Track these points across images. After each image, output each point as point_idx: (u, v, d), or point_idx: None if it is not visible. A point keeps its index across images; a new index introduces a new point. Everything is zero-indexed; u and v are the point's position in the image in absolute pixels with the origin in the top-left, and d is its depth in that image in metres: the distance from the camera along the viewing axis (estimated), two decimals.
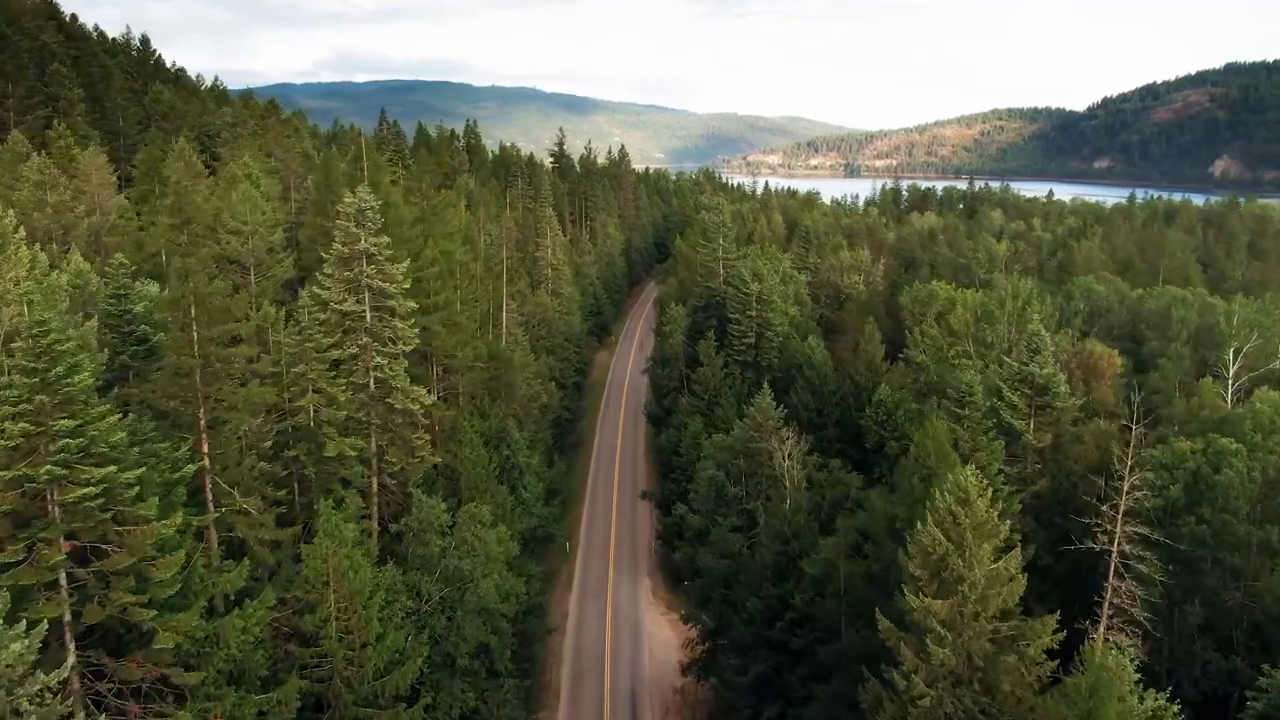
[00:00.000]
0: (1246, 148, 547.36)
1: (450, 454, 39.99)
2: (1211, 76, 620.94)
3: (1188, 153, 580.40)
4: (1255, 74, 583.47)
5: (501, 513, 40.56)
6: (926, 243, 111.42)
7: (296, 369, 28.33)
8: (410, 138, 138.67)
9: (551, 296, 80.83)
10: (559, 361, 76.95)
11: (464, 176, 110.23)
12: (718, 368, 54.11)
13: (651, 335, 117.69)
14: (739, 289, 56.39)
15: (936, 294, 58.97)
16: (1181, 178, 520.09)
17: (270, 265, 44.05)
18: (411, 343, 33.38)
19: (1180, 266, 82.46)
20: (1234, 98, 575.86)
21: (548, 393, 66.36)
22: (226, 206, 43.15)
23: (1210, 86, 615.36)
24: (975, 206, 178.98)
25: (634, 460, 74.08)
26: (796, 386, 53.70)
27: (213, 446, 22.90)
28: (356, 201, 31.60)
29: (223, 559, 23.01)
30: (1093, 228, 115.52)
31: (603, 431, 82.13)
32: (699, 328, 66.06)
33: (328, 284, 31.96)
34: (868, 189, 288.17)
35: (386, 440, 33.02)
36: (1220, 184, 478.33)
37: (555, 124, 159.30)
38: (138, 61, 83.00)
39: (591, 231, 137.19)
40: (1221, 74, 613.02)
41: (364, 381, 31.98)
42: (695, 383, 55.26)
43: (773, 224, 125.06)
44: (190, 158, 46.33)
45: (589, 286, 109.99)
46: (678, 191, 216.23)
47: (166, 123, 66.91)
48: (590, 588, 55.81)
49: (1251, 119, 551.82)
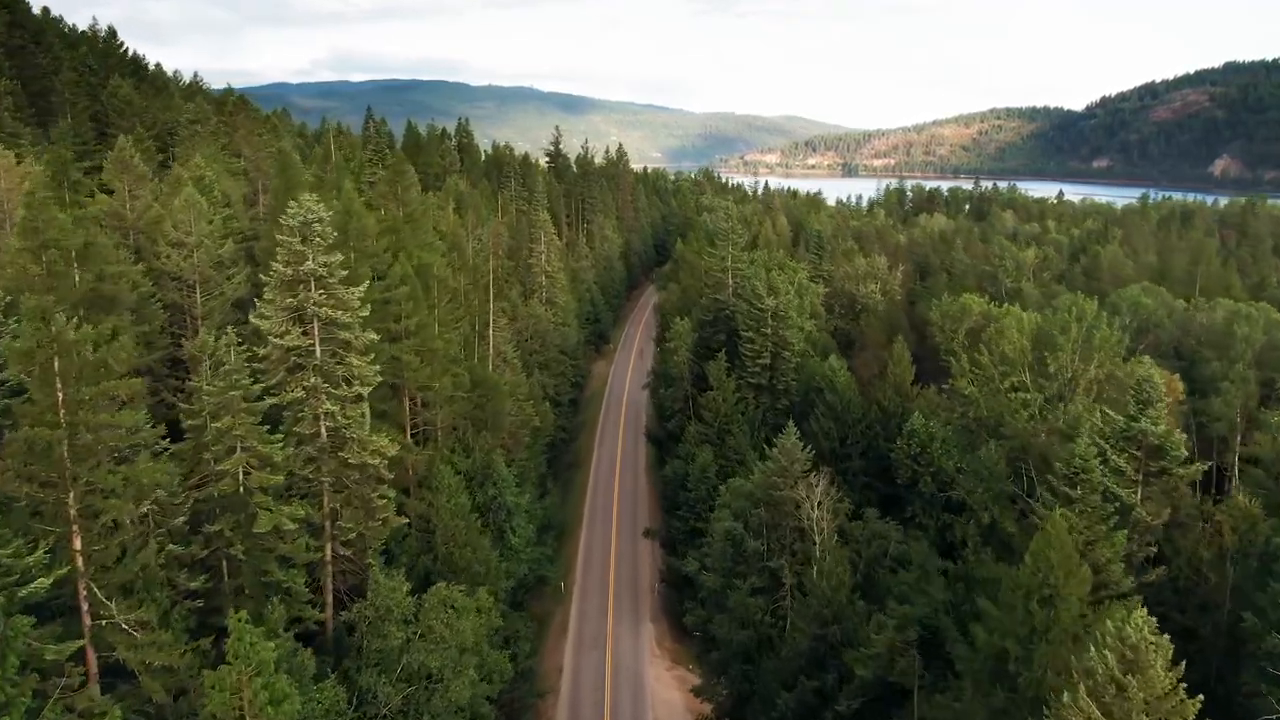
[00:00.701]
0: (1246, 147, 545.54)
1: (424, 502, 34.38)
2: (1210, 76, 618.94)
3: (1187, 152, 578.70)
4: (1254, 73, 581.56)
5: (485, 570, 34.95)
6: (939, 246, 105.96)
7: (220, 423, 22.58)
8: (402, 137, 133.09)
9: (546, 306, 75.12)
10: (553, 378, 71.27)
11: (454, 177, 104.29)
12: (729, 392, 48.51)
13: (651, 344, 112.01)
14: (752, 304, 50.75)
15: (969, 308, 53.44)
16: (1181, 177, 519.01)
17: (219, 282, 38.29)
18: (372, 381, 27.69)
19: (1218, 274, 77.06)
20: (1233, 97, 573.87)
21: (541, 414, 60.68)
22: (168, 214, 37.38)
23: (1209, 86, 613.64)
24: (983, 208, 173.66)
25: (634, 485, 68.38)
26: (817, 413, 48.14)
27: (87, 543, 17.17)
28: (301, 212, 25.86)
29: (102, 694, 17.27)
30: (1112, 230, 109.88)
31: (601, 450, 76.42)
32: (706, 343, 60.41)
33: (268, 312, 26.22)
34: (867, 189, 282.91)
35: (341, 501, 27.32)
36: (1220, 183, 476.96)
37: (552, 123, 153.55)
38: (102, 54, 76.94)
39: (589, 234, 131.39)
40: (1220, 73, 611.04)
41: (312, 432, 26.26)
42: (704, 408, 49.60)
43: (778, 227, 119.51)
44: (131, 158, 40.53)
45: (586, 293, 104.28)
46: (677, 192, 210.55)
47: (123, 120, 60.92)
48: (588, 635, 50.05)
49: (1251, 118, 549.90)
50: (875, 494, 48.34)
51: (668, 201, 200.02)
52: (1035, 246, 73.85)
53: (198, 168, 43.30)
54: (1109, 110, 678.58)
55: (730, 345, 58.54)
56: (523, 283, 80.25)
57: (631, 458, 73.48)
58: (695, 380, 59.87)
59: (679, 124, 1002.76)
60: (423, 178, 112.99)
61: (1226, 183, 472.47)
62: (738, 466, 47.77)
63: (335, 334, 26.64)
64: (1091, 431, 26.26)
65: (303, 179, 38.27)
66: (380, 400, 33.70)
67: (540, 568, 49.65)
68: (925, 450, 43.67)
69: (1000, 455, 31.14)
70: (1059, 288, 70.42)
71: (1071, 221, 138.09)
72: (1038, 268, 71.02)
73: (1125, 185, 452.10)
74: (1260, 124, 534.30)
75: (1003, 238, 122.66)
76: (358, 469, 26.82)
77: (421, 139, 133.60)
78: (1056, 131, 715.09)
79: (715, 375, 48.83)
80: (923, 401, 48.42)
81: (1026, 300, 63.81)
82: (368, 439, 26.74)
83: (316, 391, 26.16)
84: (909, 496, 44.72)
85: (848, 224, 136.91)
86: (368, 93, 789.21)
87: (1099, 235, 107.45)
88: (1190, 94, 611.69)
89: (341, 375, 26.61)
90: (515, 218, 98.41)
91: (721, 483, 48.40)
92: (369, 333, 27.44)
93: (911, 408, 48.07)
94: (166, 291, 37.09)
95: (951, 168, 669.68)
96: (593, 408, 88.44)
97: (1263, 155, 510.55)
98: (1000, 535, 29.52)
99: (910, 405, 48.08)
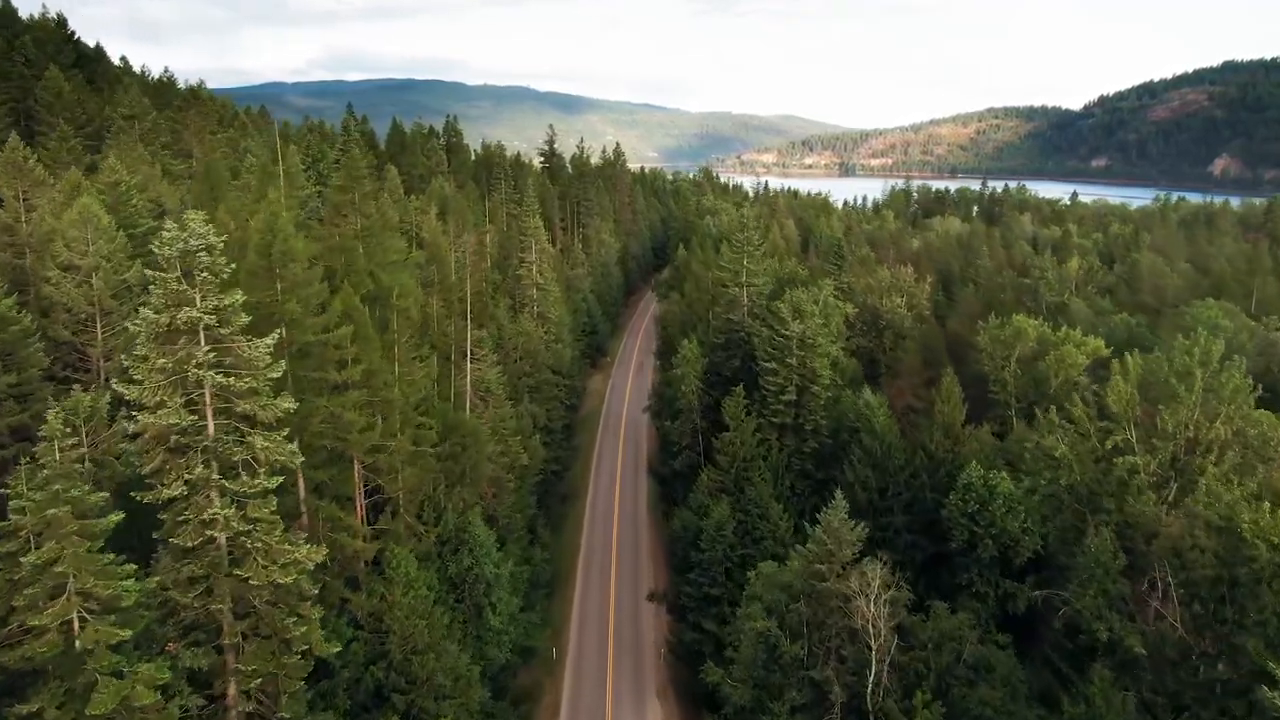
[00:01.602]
0: (1246, 146, 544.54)
1: (375, 597, 27.09)
2: (1209, 75, 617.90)
3: (1186, 151, 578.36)
4: (1253, 72, 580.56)
5: (452, 682, 27.68)
6: (958, 253, 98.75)
7: (39, 554, 15.20)
8: (406, 136, 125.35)
9: (537, 323, 67.67)
10: (545, 403, 63.89)
11: (439, 180, 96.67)
12: (748, 434, 41.21)
13: (651, 357, 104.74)
14: (775, 331, 43.33)
15: (1024, 332, 46.26)
16: (1180, 177, 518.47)
17: (126, 314, 30.88)
18: (290, 463, 20.34)
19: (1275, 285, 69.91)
20: (1232, 96, 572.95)
21: (530, 449, 53.37)
22: (59, 230, 29.96)
23: (1208, 85, 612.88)
24: (995, 209, 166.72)
25: (636, 528, 60.85)
26: (852, 459, 40.89)
27: None
28: (181, 235, 18.48)
29: None
30: (1143, 234, 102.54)
31: (598, 482, 68.96)
32: (717, 369, 53.07)
33: (138, 373, 18.82)
34: (867, 189, 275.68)
35: (247, 627, 19.94)
36: (1220, 183, 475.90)
37: (548, 123, 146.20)
38: (38, 42, 69.12)
39: (584, 239, 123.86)
40: (1219, 72, 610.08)
41: (198, 543, 18.86)
42: (719, 451, 42.24)
43: (786, 232, 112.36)
44: (24, 159, 33.12)
45: (581, 303, 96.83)
46: (676, 193, 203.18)
47: (50, 115, 53.36)
48: (583, 714, 42.84)
49: (1251, 117, 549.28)
50: (920, 551, 41.19)
51: (666, 203, 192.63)
52: (1077, 256, 66.50)
53: (113, 171, 35.76)
54: (1107, 110, 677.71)
55: (746, 373, 51.25)
56: (512, 295, 72.86)
57: (631, 492, 66.09)
58: (705, 411, 52.60)
59: (675, 123, 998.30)
60: (407, 180, 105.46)
61: (1227, 182, 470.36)
62: (759, 522, 40.51)
63: (233, 404, 19.24)
64: (1254, 525, 19.26)
65: (224, 180, 30.80)
66: (319, 467, 26.39)
67: (528, 636, 42.37)
68: (985, 508, 36.53)
69: (1113, 544, 24.04)
70: (1104, 303, 63.26)
71: (1093, 224, 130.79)
72: (1081, 279, 63.76)
73: (1125, 185, 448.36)
74: (1260, 123, 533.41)
75: (1023, 242, 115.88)
76: (267, 589, 19.44)
77: (407, 138, 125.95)
78: (1054, 131, 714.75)
79: (732, 413, 41.50)
80: (975, 445, 41.27)
81: (1074, 318, 56.71)
82: (280, 547, 19.36)
83: (205, 486, 18.76)
84: (964, 560, 37.60)
85: (859, 228, 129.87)
86: (363, 92, 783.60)
87: (1129, 241, 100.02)
88: (1189, 93, 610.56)
89: (242, 461, 19.22)
90: (506, 223, 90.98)
91: (740, 541, 41.20)
92: (283, 398, 20.03)
93: (964, 454, 40.97)
94: (56, 326, 29.72)
95: (949, 167, 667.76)
96: (588, 430, 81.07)
97: (1263, 155, 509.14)
98: (1121, 653, 22.51)
99: (962, 450, 40.96)
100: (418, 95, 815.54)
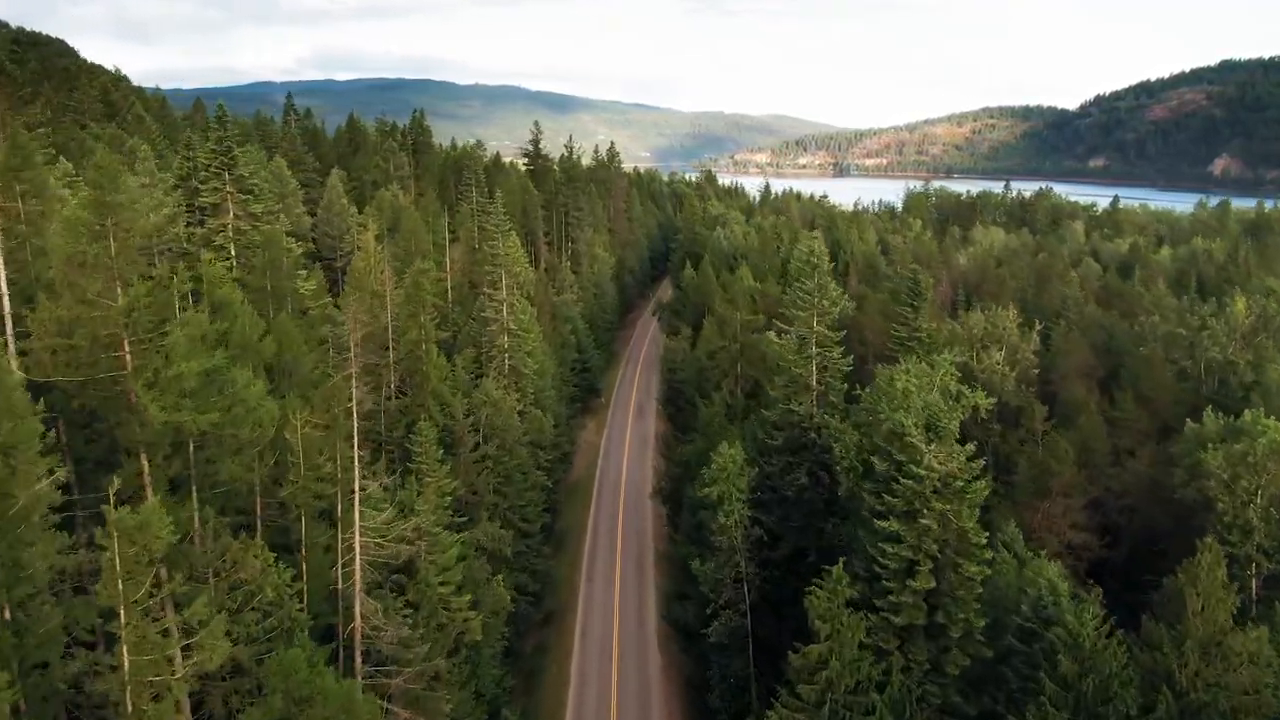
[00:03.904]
0: (1246, 146, 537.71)
1: None
2: (1207, 74, 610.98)
3: (1185, 151, 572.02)
4: (1251, 71, 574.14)
5: None
6: (1027, 276, 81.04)
7: None
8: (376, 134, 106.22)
9: (506, 388, 49.32)
10: (518, 505, 45.70)
11: (388, 190, 77.78)
12: (852, 646, 22.91)
13: (652, 399, 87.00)
14: (891, 452, 24.85)
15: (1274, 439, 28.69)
16: (1180, 176, 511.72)
17: None
18: None
19: None
20: (1231, 95, 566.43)
21: (495, 603, 35.18)
22: None
23: (1206, 84, 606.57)
24: (1029, 215, 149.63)
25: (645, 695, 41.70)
26: (1040, 689, 22.99)
27: None
28: None
29: None
30: (1244, 248, 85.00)
31: (588, 621, 48.67)
32: (772, 486, 34.90)
33: None
34: (864, 189, 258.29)
35: None
36: (1220, 183, 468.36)
37: (540, 123, 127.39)
38: None
39: (574, 256, 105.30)
40: (1217, 71, 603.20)
41: None
42: (796, 671, 23.35)
43: (815, 250, 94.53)
44: None
45: (570, 336, 78.40)
46: (675, 196, 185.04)
47: None
48: None
49: (1251, 117, 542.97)
50: None
51: (664, 207, 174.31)
52: (1241, 294, 48.71)
53: None
54: (1104, 109, 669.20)
55: (821, 491, 33.26)
56: (478, 347, 54.59)
57: (635, 636, 46.40)
58: (752, 547, 34.52)
59: (667, 123, 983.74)
60: (356, 186, 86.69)
61: (1227, 182, 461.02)
62: None
63: None
64: None
65: None
66: None
67: None
68: None
69: None
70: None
71: (1173, 237, 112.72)
72: (1250, 330, 45.76)
73: (1123, 185, 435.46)
74: (1260, 123, 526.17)
75: (1090, 258, 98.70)
76: None
77: (367, 137, 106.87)
78: (1051, 130, 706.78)
79: (822, 611, 23.20)
80: (1249, 665, 23.58)
81: (1271, 397, 38.82)
82: None
83: None
84: None
85: (888, 240, 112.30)
86: (353, 91, 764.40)
87: (1231, 258, 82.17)
88: (1187, 93, 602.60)
89: None
90: (477, 240, 72.52)
91: None
92: None
93: (1235, 681, 23.28)
94: None
95: (944, 167, 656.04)
96: (576, 510, 62.72)
97: (1264, 154, 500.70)
98: None
99: (1233, 677, 23.24)
100: (408, 95, 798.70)
